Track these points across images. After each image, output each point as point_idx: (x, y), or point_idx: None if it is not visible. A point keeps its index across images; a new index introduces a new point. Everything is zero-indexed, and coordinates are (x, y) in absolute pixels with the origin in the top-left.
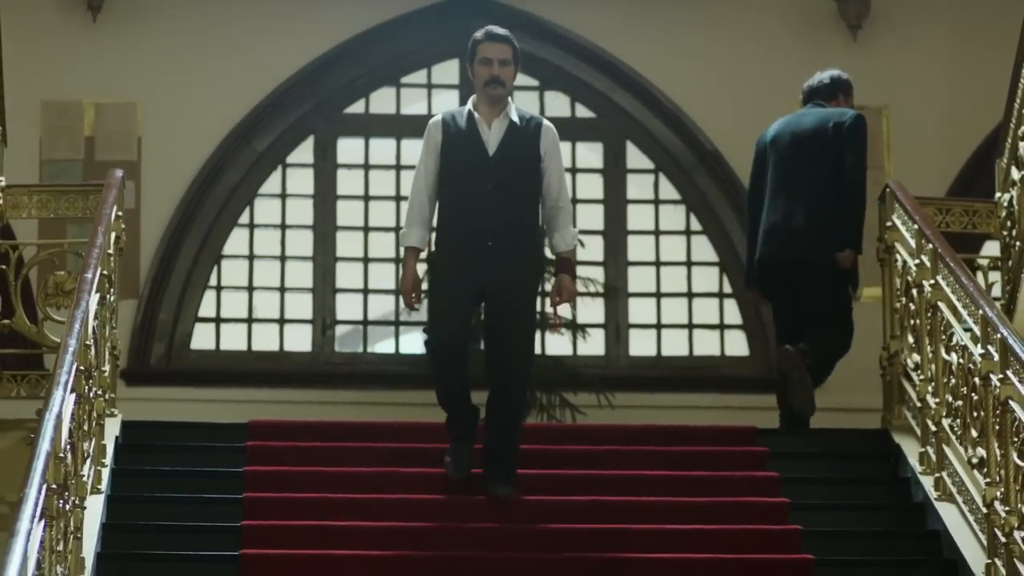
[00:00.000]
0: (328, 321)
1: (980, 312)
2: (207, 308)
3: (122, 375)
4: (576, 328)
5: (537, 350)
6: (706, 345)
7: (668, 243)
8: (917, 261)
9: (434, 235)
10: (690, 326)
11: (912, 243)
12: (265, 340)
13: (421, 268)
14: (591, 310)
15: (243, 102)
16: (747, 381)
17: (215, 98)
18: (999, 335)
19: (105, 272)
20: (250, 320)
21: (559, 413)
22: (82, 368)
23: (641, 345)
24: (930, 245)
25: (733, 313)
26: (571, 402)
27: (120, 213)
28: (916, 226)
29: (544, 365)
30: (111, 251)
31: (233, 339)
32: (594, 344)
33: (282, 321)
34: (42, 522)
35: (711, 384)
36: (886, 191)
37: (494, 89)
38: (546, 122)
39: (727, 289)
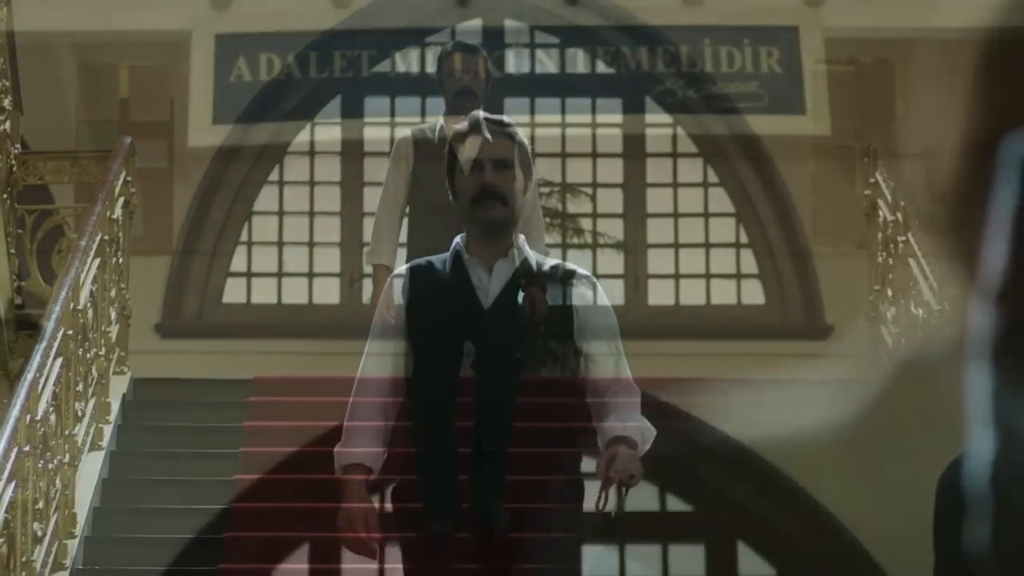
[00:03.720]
0: (355, 275)
1: (937, 270)
2: (238, 263)
3: (156, 329)
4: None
5: (558, 301)
6: (723, 294)
7: (686, 195)
8: (893, 218)
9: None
10: (707, 276)
11: (891, 200)
12: (294, 294)
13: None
14: (611, 261)
15: (272, 63)
16: (762, 329)
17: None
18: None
19: (107, 237)
20: (280, 274)
21: (572, 363)
22: (71, 332)
23: (660, 295)
24: (903, 203)
25: (749, 263)
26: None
27: (130, 178)
28: (892, 183)
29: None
30: (117, 216)
31: (263, 293)
32: (614, 294)
33: (311, 275)
34: (12, 483)
35: (727, 332)
36: (871, 149)
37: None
38: None
39: (743, 239)
